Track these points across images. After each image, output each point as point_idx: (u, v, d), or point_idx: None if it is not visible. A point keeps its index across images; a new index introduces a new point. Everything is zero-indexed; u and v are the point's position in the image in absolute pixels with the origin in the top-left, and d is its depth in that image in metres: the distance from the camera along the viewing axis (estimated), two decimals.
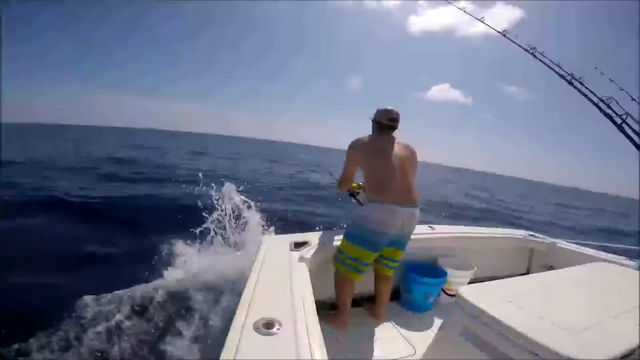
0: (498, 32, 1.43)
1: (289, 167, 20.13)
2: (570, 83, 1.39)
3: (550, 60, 1.36)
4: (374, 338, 1.87)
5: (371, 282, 2.12)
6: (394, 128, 1.99)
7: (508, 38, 1.41)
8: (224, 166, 16.36)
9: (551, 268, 2.50)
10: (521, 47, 1.40)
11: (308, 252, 1.74)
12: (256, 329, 0.97)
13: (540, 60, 1.38)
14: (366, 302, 2.20)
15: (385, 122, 1.95)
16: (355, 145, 1.98)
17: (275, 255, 1.66)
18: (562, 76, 1.41)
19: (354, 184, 2.27)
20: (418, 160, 2.07)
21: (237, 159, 23.30)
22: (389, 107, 1.95)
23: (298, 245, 1.80)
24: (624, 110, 1.34)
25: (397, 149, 1.93)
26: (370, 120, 2.05)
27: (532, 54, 1.39)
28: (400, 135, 2.09)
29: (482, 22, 1.53)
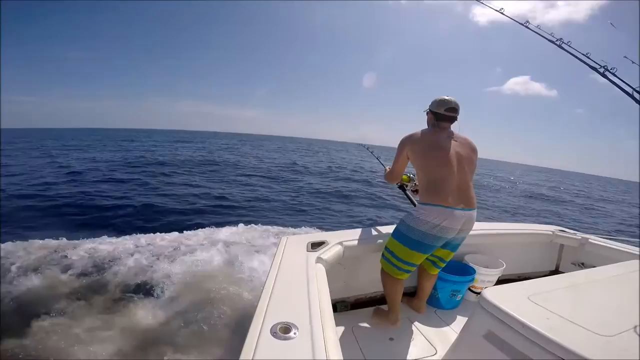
0: (520, 23, 1.35)
1: None
2: (603, 75, 1.31)
3: (578, 51, 1.28)
4: (394, 337, 1.84)
5: (409, 278, 2.16)
6: (453, 120, 1.82)
7: (530, 29, 1.33)
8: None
9: (582, 265, 2.30)
10: (545, 37, 1.31)
11: (325, 252, 1.73)
12: (273, 333, 0.96)
13: (567, 52, 1.30)
14: (405, 297, 2.19)
15: (442, 113, 1.78)
16: (406, 141, 1.84)
17: (292, 256, 1.64)
18: (594, 68, 1.32)
19: (404, 176, 2.21)
20: (479, 157, 1.86)
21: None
22: (447, 97, 1.79)
23: (315, 246, 1.79)
24: None
25: (456, 145, 1.77)
26: (425, 113, 1.91)
27: (559, 45, 1.31)
28: (467, 130, 1.87)
29: (502, 13, 1.45)
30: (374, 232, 2.13)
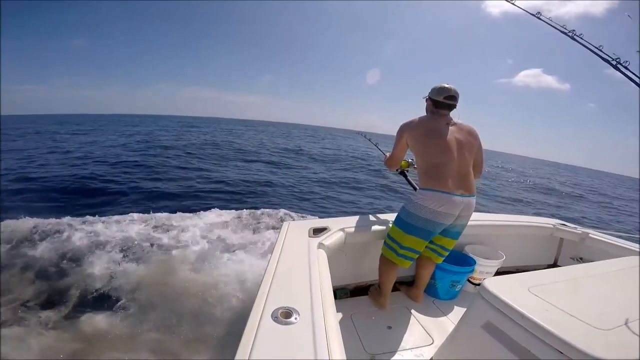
0: (531, 14, 1.31)
1: None
2: (615, 67, 1.28)
3: (591, 44, 1.25)
4: (392, 326, 1.86)
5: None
6: (452, 107, 1.83)
7: (542, 19, 1.31)
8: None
9: (581, 260, 2.30)
10: (557, 28, 1.28)
11: (327, 238, 1.73)
12: (274, 318, 0.97)
13: (580, 43, 1.27)
14: (403, 286, 2.25)
15: (441, 100, 1.79)
16: (405, 128, 1.85)
17: (294, 241, 1.64)
18: (606, 60, 1.29)
19: (403, 162, 2.22)
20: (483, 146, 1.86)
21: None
22: (446, 85, 1.81)
23: (317, 232, 1.79)
24: None
25: (455, 131, 1.77)
26: (424, 100, 1.91)
27: (571, 36, 1.28)
28: (475, 120, 1.89)
29: (512, 3, 1.41)
30: (375, 220, 2.13)
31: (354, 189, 9.90)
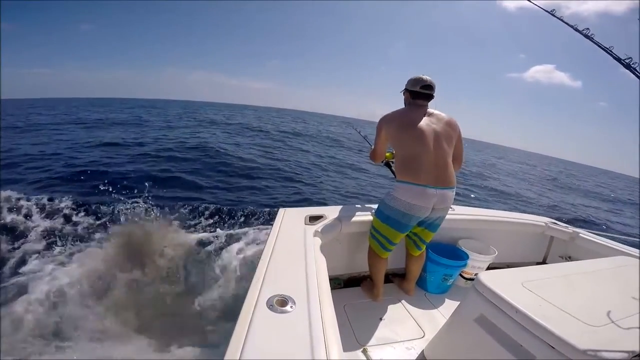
0: (544, 9, 1.32)
1: None
2: (627, 67, 1.30)
3: (601, 44, 1.26)
4: (384, 318, 1.88)
5: (401, 259, 2.17)
6: (429, 97, 1.82)
7: (556, 17, 1.31)
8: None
9: (570, 258, 2.33)
10: (570, 26, 1.29)
11: (323, 227, 1.73)
12: (269, 306, 0.95)
13: (593, 41, 1.28)
14: (396, 278, 2.28)
15: (418, 90, 1.79)
16: (383, 121, 1.86)
17: (290, 229, 1.61)
18: (618, 59, 1.30)
19: (388, 154, 2.21)
20: (461, 134, 1.84)
21: None
22: (422, 75, 1.80)
23: (313, 219, 1.78)
24: None
25: (432, 122, 1.76)
26: (402, 93, 1.90)
27: (586, 35, 1.28)
28: (448, 109, 1.83)
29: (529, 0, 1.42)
30: (373, 210, 2.11)
31: (354, 175, 9.83)
